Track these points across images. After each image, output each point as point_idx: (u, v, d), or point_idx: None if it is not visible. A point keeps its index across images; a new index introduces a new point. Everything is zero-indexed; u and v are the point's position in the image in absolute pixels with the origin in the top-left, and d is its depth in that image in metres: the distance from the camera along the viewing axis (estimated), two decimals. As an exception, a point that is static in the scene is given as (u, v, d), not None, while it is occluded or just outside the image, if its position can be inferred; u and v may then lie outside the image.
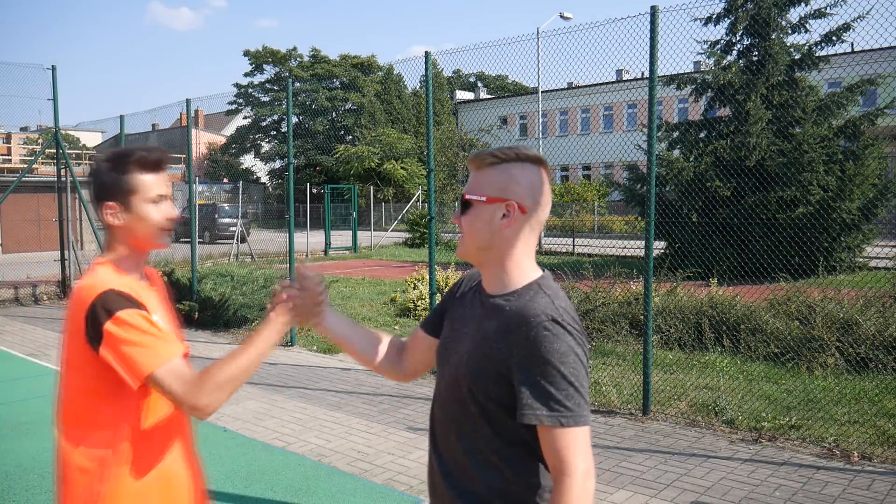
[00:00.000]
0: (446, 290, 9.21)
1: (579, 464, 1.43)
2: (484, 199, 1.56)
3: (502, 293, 1.57)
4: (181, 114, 30.85)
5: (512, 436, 1.51)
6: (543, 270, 1.61)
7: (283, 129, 48.24)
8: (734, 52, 14.61)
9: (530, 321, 1.46)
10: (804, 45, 13.86)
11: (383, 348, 1.89)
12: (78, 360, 1.71)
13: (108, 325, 1.63)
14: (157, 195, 1.80)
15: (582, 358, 1.46)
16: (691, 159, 14.09)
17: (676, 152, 15.05)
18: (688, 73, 14.10)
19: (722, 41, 14.63)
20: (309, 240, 23.04)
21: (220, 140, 55.06)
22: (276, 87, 50.22)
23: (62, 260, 12.78)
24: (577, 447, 1.43)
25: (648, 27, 5.58)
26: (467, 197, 1.59)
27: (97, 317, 1.65)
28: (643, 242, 6.05)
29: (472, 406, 1.54)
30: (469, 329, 1.61)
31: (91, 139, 58.09)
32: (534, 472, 1.51)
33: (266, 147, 50.81)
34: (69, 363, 1.74)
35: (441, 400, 1.66)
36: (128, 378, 1.64)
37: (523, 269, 1.58)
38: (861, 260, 13.71)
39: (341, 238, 25.29)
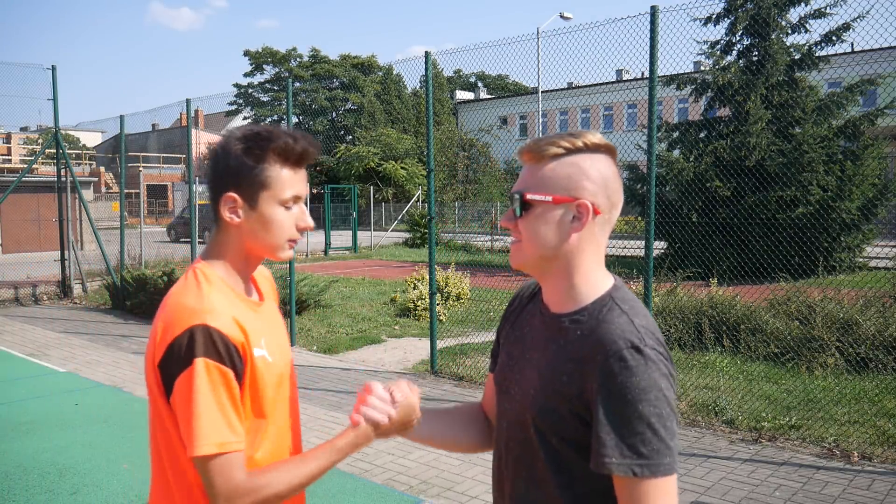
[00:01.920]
0: (446, 289, 9.09)
1: None
2: (550, 198, 1.29)
3: (570, 312, 1.31)
4: (181, 114, 30.85)
5: (587, 486, 1.27)
6: (615, 278, 1.36)
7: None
8: (734, 53, 14.60)
9: (607, 349, 1.21)
10: (804, 45, 13.86)
11: (471, 426, 1.58)
12: (154, 389, 1.41)
13: (183, 375, 1.34)
14: (291, 196, 1.46)
15: (667, 392, 1.20)
16: (691, 159, 14.09)
17: (676, 152, 15.05)
18: (688, 73, 14.10)
19: (722, 41, 14.63)
20: (309, 240, 23.04)
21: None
22: (275, 87, 50.27)
23: (62, 260, 12.77)
24: (654, 501, 1.18)
25: (648, 27, 5.58)
26: (528, 197, 1.30)
27: (177, 356, 1.35)
28: (643, 242, 6.05)
29: (542, 450, 1.30)
30: (533, 357, 1.35)
31: (91, 139, 58.09)
32: None
33: (266, 147, 50.77)
34: (149, 387, 1.43)
35: (504, 440, 1.41)
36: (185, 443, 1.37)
37: (594, 279, 1.33)
38: (861, 260, 13.71)
39: (341, 238, 25.29)
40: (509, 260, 1.39)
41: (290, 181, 1.46)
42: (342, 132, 47.33)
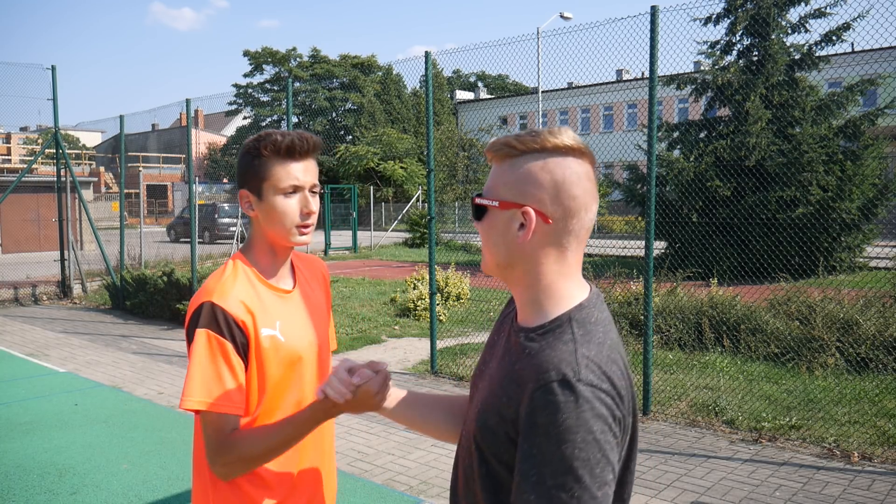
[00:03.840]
0: (446, 289, 9.09)
1: None
2: (496, 203, 1.21)
3: (529, 327, 1.22)
4: (181, 114, 30.86)
5: None
6: (588, 293, 1.25)
7: (283, 129, 48.19)
8: (734, 53, 14.60)
9: (539, 378, 1.11)
10: (804, 44, 13.86)
11: (454, 416, 1.53)
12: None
13: (192, 342, 1.58)
14: (289, 185, 1.63)
15: (599, 436, 1.06)
16: (691, 159, 14.09)
17: (676, 152, 15.05)
18: (688, 73, 14.10)
19: (722, 41, 14.63)
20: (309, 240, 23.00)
21: (220, 140, 55.07)
22: (275, 87, 50.28)
23: (62, 260, 12.77)
24: None
25: (648, 27, 5.58)
26: (477, 200, 1.24)
27: (191, 326, 1.59)
28: (643, 242, 6.06)
29: (481, 467, 1.21)
30: (492, 368, 1.28)
31: (91, 139, 58.09)
32: None
33: (266, 147, 50.82)
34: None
35: (459, 449, 1.34)
36: None
37: (558, 294, 1.21)
38: (861, 260, 13.71)
39: (341, 238, 25.29)
40: (481, 265, 1.34)
41: (285, 172, 1.64)
42: (342, 132, 47.34)
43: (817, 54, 13.71)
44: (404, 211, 29.53)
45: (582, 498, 1.05)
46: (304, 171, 1.66)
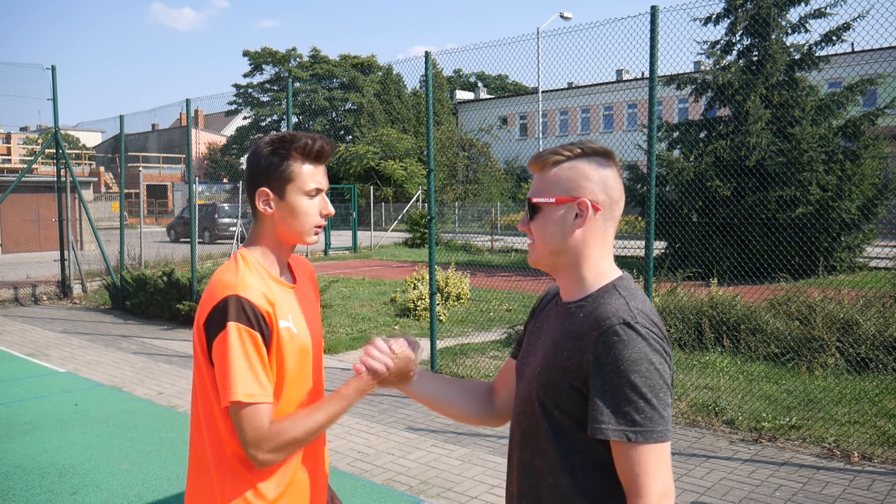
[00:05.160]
0: (446, 289, 9.09)
1: (653, 484, 1.28)
2: (553, 200, 1.45)
3: (578, 299, 1.45)
4: (181, 114, 30.85)
5: (585, 456, 1.38)
6: (622, 271, 1.50)
7: (283, 129, 48.23)
8: (734, 52, 14.61)
9: (601, 325, 1.34)
10: (804, 45, 13.86)
11: (472, 397, 1.74)
12: (198, 351, 1.68)
13: (219, 337, 1.59)
14: (313, 188, 1.72)
15: (659, 366, 1.31)
16: (691, 159, 14.09)
17: (676, 152, 15.05)
18: (688, 73, 14.10)
19: (722, 41, 14.63)
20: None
21: (220, 140, 55.07)
22: (275, 88, 50.28)
23: (62, 260, 12.77)
24: (648, 466, 1.28)
25: (648, 27, 5.57)
26: (535, 200, 1.47)
27: (215, 321, 1.61)
28: (643, 242, 6.05)
29: (545, 421, 1.42)
30: (544, 341, 1.49)
31: (91, 139, 58.09)
32: (612, 499, 1.36)
33: (266, 147, 50.83)
34: (195, 350, 1.70)
35: (516, 416, 1.53)
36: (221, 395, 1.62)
37: (599, 271, 1.46)
38: (861, 260, 13.71)
39: (341, 238, 25.29)
40: (528, 259, 1.55)
41: (311, 174, 1.72)
42: (342, 132, 47.33)
43: (817, 54, 13.71)
44: (404, 211, 29.54)
45: (653, 417, 1.29)
46: (324, 175, 1.75)
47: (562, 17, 28.65)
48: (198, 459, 1.72)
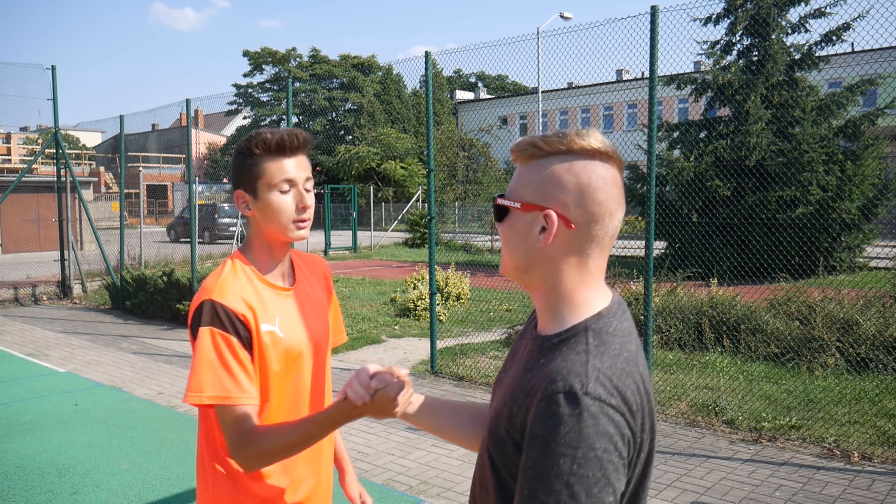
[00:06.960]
0: (446, 289, 9.04)
1: None
2: (518, 205, 1.16)
3: (548, 335, 1.17)
4: (181, 114, 30.87)
5: None
6: (610, 300, 1.19)
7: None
8: (734, 52, 14.61)
9: (546, 387, 1.05)
10: (804, 44, 13.86)
11: (481, 423, 1.47)
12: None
13: (195, 340, 1.60)
14: (282, 181, 1.65)
15: (602, 453, 1.00)
16: (691, 159, 14.10)
17: (676, 152, 15.05)
18: (688, 73, 14.10)
19: (722, 41, 14.63)
20: (309, 240, 23.04)
21: (220, 140, 55.07)
22: (275, 87, 50.26)
23: (62, 260, 12.77)
24: None
25: (648, 27, 5.57)
26: (499, 201, 1.20)
27: (194, 325, 1.62)
28: (643, 242, 6.05)
29: (494, 478, 1.16)
30: (509, 376, 1.24)
31: (91, 139, 58.11)
32: None
33: (266, 147, 50.82)
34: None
35: (479, 455, 1.28)
36: None
37: (577, 302, 1.16)
38: (861, 260, 13.71)
39: (341, 238, 25.30)
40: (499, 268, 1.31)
41: (278, 168, 1.65)
42: (342, 132, 47.33)
43: (817, 54, 13.72)
44: (404, 211, 29.54)
45: None
46: (295, 167, 1.67)
47: (562, 17, 28.66)
48: (199, 456, 1.76)
